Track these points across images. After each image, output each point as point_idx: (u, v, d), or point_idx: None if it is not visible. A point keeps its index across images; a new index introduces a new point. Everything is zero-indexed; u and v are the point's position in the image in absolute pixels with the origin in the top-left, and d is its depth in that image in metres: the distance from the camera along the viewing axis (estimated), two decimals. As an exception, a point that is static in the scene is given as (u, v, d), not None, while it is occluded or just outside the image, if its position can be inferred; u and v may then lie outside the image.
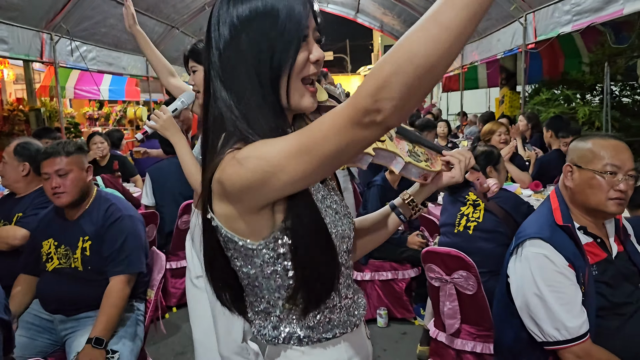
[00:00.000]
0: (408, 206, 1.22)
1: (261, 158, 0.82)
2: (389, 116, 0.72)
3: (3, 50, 5.29)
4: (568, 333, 1.54)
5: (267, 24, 0.89)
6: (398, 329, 3.49)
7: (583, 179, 1.66)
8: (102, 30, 6.98)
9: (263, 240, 0.91)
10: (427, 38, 0.67)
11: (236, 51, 0.91)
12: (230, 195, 0.87)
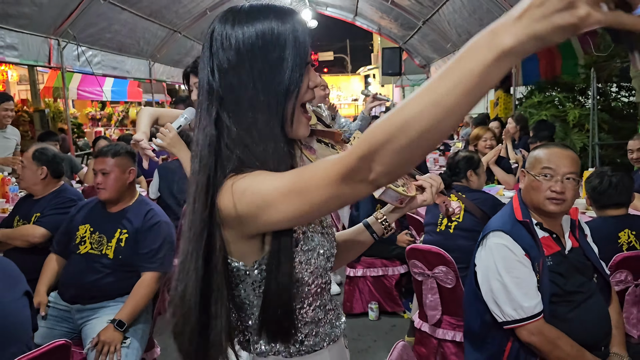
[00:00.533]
0: (381, 225, 1.29)
1: (256, 193, 0.86)
2: (378, 178, 0.75)
3: (13, 57, 5.51)
4: (524, 312, 1.76)
5: (274, 51, 0.91)
6: (388, 322, 3.71)
7: (528, 182, 1.90)
8: (107, 36, 7.20)
9: (254, 263, 0.96)
10: (421, 111, 0.67)
11: (240, 75, 0.92)
12: (225, 222, 0.92)
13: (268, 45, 0.91)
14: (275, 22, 0.92)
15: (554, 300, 1.82)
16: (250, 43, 0.91)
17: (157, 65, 9.45)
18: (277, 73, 0.92)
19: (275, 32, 0.91)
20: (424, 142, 0.70)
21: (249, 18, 0.93)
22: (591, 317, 1.85)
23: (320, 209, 0.84)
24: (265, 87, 0.92)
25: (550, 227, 1.90)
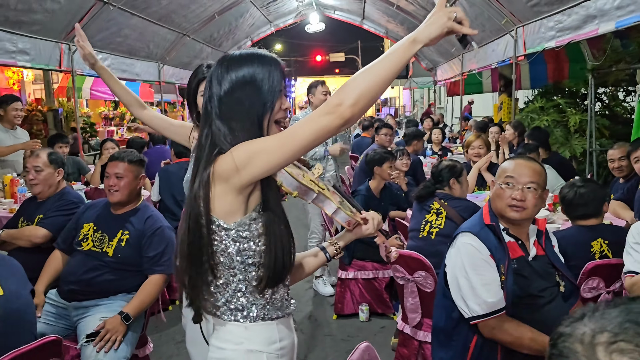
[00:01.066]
0: (333, 247, 1.60)
1: (253, 145, 1.23)
2: (345, 108, 1.16)
3: (25, 61, 5.71)
4: (487, 307, 1.88)
5: (254, 86, 1.30)
6: (378, 323, 3.83)
7: (494, 190, 2.03)
8: (117, 40, 7.39)
9: (234, 223, 1.28)
10: (370, 70, 1.18)
11: (232, 100, 1.30)
12: (219, 176, 1.24)
13: (249, 82, 1.30)
14: (256, 66, 1.32)
15: (516, 302, 1.93)
16: (238, 80, 1.31)
17: (167, 68, 9.64)
18: (258, 99, 1.31)
19: (254, 74, 1.31)
20: (373, 88, 1.17)
21: (238, 63, 1.33)
22: (551, 321, 1.96)
23: (304, 143, 1.20)
24: (250, 108, 1.30)
25: (516, 234, 2.02)
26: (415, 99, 22.12)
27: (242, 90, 1.30)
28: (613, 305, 0.69)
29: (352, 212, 1.49)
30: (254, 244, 1.30)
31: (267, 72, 1.31)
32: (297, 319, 3.96)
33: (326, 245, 1.60)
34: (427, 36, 1.19)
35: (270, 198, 1.31)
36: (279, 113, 1.34)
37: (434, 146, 6.77)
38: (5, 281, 1.85)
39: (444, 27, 1.18)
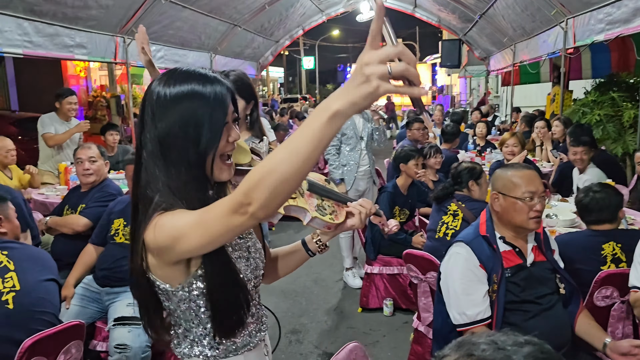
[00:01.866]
0: (315, 244, 1.47)
1: (172, 227, 1.06)
2: (257, 210, 0.94)
3: (82, 54, 6.09)
4: (467, 317, 1.94)
5: (195, 125, 1.11)
6: (401, 318, 3.89)
7: (508, 204, 2.02)
8: (169, 32, 7.69)
9: (179, 285, 1.16)
10: (283, 159, 0.90)
11: (168, 141, 1.11)
12: (152, 251, 1.12)
13: (190, 121, 1.11)
14: (197, 99, 1.11)
15: (508, 308, 1.97)
16: (175, 121, 1.11)
17: (219, 57, 9.92)
18: (197, 132, 1.12)
19: (196, 110, 1.11)
20: (288, 183, 0.92)
21: (174, 98, 1.12)
22: (547, 328, 1.98)
23: (219, 239, 1.03)
24: (188, 144, 1.12)
25: (515, 242, 2.04)
26: (472, 87, 21.55)
27: (180, 130, 1.11)
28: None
29: (334, 213, 1.38)
30: (203, 300, 1.18)
31: (207, 107, 1.12)
32: (324, 310, 4.09)
33: (308, 240, 1.48)
34: (351, 108, 0.85)
35: (211, 257, 1.13)
36: (225, 147, 1.17)
37: (478, 140, 6.65)
38: (23, 275, 2.06)
39: (373, 96, 0.84)
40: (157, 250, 1.11)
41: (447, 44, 12.12)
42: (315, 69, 34.85)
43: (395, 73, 0.83)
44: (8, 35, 4.85)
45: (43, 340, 1.91)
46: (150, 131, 1.14)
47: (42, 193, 4.49)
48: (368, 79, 0.83)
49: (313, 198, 1.38)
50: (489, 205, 2.14)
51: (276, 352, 3.37)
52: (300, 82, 37.39)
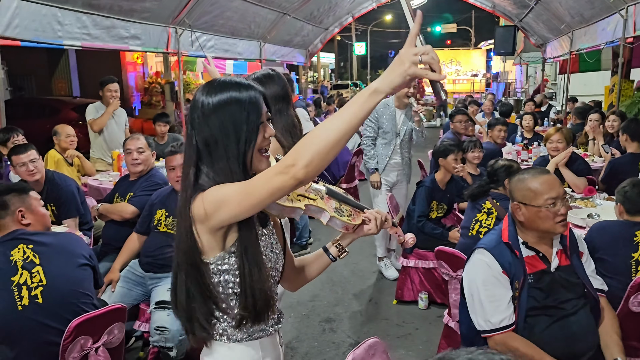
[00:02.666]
0: (336, 248, 1.58)
1: (219, 194, 1.23)
2: (299, 170, 1.13)
3: (137, 45, 6.34)
4: (491, 324, 1.96)
5: (233, 129, 1.29)
6: (436, 312, 3.91)
7: (532, 213, 2.00)
8: (220, 22, 7.87)
9: (213, 258, 1.30)
10: (327, 127, 1.14)
11: (212, 145, 1.29)
12: (196, 218, 1.27)
13: (230, 125, 1.29)
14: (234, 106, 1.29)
15: (530, 314, 1.98)
16: (216, 126, 1.29)
17: (268, 46, 10.04)
18: (237, 133, 1.30)
19: (233, 115, 1.29)
20: (330, 146, 1.13)
21: (214, 107, 1.30)
22: (570, 333, 1.97)
23: (260, 203, 1.21)
24: (230, 141, 1.30)
25: (539, 247, 2.03)
26: (528, 74, 20.81)
27: (221, 135, 1.29)
28: None
29: (351, 216, 1.48)
30: (232, 276, 1.31)
31: (244, 111, 1.29)
32: (359, 300, 4.16)
33: (329, 246, 1.59)
34: (388, 85, 1.11)
35: (245, 237, 1.30)
36: (262, 143, 1.33)
37: (526, 133, 6.47)
38: (49, 268, 2.16)
39: (405, 75, 1.10)
40: (203, 216, 1.25)
41: (502, 31, 11.76)
42: (367, 54, 34.55)
43: (424, 60, 1.10)
44: (68, 28, 5.12)
45: (88, 321, 2.07)
46: (199, 134, 1.31)
47: (96, 179, 4.76)
48: (402, 62, 1.11)
49: (332, 201, 1.48)
50: (510, 211, 2.13)
51: (309, 340, 3.50)
52: (352, 67, 37.18)
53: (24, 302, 2.10)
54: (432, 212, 3.89)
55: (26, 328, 2.10)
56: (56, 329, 2.09)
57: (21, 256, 2.16)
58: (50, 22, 4.85)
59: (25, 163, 3.31)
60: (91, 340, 2.11)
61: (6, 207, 2.30)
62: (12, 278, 2.11)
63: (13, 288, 2.10)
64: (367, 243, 5.46)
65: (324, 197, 1.46)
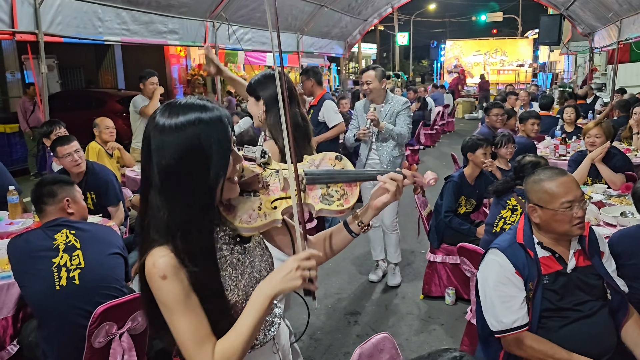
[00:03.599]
0: (357, 225, 1.41)
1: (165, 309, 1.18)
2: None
3: (175, 40, 6.50)
4: (504, 325, 1.94)
5: (202, 154, 1.14)
6: (462, 308, 3.87)
7: (548, 216, 1.96)
8: (256, 15, 7.94)
9: None
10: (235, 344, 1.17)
11: (176, 174, 1.14)
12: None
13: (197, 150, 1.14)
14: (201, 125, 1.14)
15: (545, 315, 1.95)
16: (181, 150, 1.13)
17: (306, 38, 10.08)
18: (207, 169, 1.15)
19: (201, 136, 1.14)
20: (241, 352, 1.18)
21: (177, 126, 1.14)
22: (585, 335, 1.93)
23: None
24: (198, 180, 1.15)
25: (555, 247, 1.99)
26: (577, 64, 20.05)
27: (186, 161, 1.14)
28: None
29: (343, 197, 1.33)
30: None
31: (214, 131, 1.15)
32: (386, 294, 4.17)
33: (349, 220, 1.43)
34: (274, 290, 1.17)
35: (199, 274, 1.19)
36: (233, 173, 1.22)
37: (567, 126, 6.27)
38: (88, 253, 2.32)
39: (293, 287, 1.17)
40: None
41: (547, 20, 11.36)
42: (410, 44, 34.06)
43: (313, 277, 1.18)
44: (108, 24, 5.31)
45: (113, 308, 2.18)
46: (155, 164, 1.15)
47: (133, 170, 4.94)
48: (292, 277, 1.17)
49: (317, 189, 1.34)
50: (527, 211, 2.09)
51: (333, 332, 3.54)
52: (394, 58, 36.75)
53: (61, 283, 2.25)
54: (460, 208, 3.85)
55: (60, 308, 2.25)
56: (87, 311, 2.20)
57: (64, 240, 2.33)
58: (91, 18, 5.04)
59: (70, 153, 3.49)
60: (115, 327, 2.22)
61: (54, 195, 2.48)
62: (53, 260, 2.27)
63: (53, 269, 2.26)
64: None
65: (305, 189, 1.32)
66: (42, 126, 4.60)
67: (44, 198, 2.46)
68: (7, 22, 4.26)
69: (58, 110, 8.23)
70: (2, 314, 2.49)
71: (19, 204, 3.35)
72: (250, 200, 1.29)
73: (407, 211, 5.75)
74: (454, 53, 26.06)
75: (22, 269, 2.29)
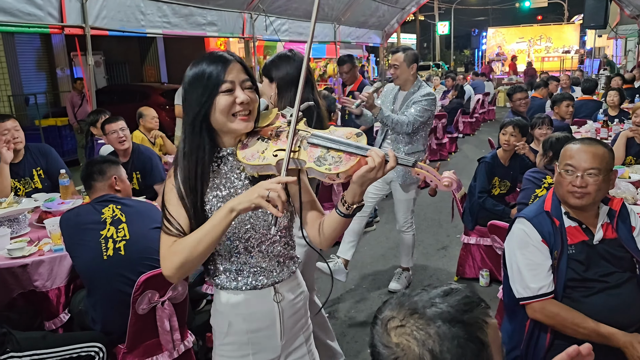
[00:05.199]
0: (343, 206, 1.42)
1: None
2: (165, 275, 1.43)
3: (213, 31, 6.68)
4: (530, 291, 1.96)
5: (197, 83, 1.41)
6: (496, 289, 3.84)
7: (556, 175, 2.04)
8: (293, 6, 8.06)
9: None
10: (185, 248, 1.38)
11: (186, 94, 1.45)
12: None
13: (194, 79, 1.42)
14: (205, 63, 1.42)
15: (570, 285, 1.97)
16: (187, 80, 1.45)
17: (342, 28, 10.13)
18: (199, 96, 1.41)
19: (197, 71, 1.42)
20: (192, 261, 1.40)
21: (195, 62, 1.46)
22: (611, 306, 1.94)
23: None
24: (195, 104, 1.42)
25: (580, 217, 2.01)
26: (627, 49, 19.27)
27: (190, 87, 1.43)
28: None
29: (336, 163, 1.36)
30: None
31: (210, 68, 1.40)
32: (420, 275, 4.21)
33: (336, 202, 1.57)
34: (238, 205, 1.33)
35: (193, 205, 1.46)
36: (232, 107, 1.41)
37: (611, 110, 6.10)
38: (132, 226, 2.48)
39: (251, 202, 1.31)
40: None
41: (592, 3, 10.95)
42: (450, 34, 33.49)
43: (270, 197, 1.30)
44: (150, 17, 5.52)
45: (155, 277, 2.32)
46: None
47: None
48: (253, 191, 1.33)
49: (317, 150, 1.39)
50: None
51: (367, 311, 3.62)
52: (434, 48, 36.23)
53: (109, 253, 2.42)
54: (494, 189, 3.84)
55: (107, 277, 2.42)
56: (131, 280, 2.35)
57: (111, 214, 2.51)
58: (134, 12, 5.27)
59: (116, 130, 3.73)
60: (158, 295, 2.37)
61: (103, 172, 2.65)
62: (101, 232, 2.45)
63: (101, 240, 2.44)
64: (434, 221, 5.47)
65: (307, 148, 1.40)
66: (88, 116, 4.85)
67: (94, 175, 2.63)
68: (57, 17, 4.52)
69: (104, 104, 8.58)
70: (56, 284, 2.69)
71: (70, 186, 3.57)
72: (261, 145, 1.45)
73: (444, 195, 5.74)
74: (497, 41, 25.49)
75: (74, 240, 2.48)
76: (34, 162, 3.66)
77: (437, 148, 8.56)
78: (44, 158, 3.72)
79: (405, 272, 3.99)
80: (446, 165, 8.34)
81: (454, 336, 0.86)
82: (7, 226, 2.88)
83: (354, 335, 3.35)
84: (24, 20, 4.35)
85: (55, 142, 9.64)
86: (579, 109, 6.39)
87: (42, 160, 3.70)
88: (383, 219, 5.55)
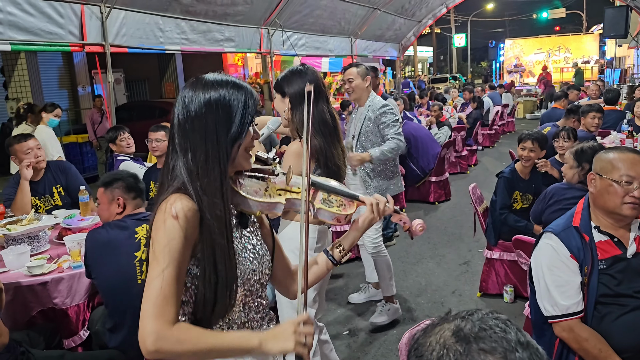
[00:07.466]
0: (337, 251, 1.44)
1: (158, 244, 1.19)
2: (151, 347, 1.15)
3: (231, 47, 6.73)
4: (559, 309, 1.88)
5: (227, 110, 1.23)
6: (521, 306, 3.75)
7: (603, 186, 1.92)
8: (310, 21, 8.11)
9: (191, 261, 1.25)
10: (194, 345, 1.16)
11: (200, 123, 1.22)
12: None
13: (223, 105, 1.23)
14: (231, 90, 1.25)
15: (602, 301, 1.89)
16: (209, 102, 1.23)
17: (359, 41, 10.15)
18: (228, 123, 1.24)
19: (229, 96, 1.24)
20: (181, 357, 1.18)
21: (211, 85, 1.25)
22: None
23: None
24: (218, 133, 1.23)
25: (614, 231, 1.93)
26: (649, 58, 18.96)
27: (211, 110, 1.22)
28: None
29: (342, 206, 1.41)
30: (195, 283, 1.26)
31: (242, 97, 1.24)
32: (442, 292, 4.12)
33: (329, 248, 1.47)
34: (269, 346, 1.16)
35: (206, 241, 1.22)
36: (250, 142, 1.28)
37: (637, 120, 5.96)
38: None
39: (289, 351, 1.15)
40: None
41: (612, 12, 10.83)
42: (467, 46, 33.38)
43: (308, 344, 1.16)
44: (169, 34, 5.58)
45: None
46: (182, 114, 1.24)
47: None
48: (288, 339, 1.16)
49: (319, 193, 1.42)
50: (588, 193, 2.03)
51: (388, 327, 3.51)
52: (451, 60, 36.13)
53: (143, 277, 2.30)
54: (515, 204, 3.75)
55: (136, 303, 2.34)
56: None
57: (144, 234, 2.39)
58: (152, 29, 5.33)
59: (151, 140, 3.90)
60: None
61: (142, 191, 2.58)
62: (135, 253, 2.35)
63: (136, 263, 2.33)
64: (455, 235, 5.37)
65: (310, 190, 1.39)
66: (107, 132, 4.88)
67: (137, 189, 2.54)
68: (78, 35, 4.58)
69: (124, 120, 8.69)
70: (75, 301, 2.67)
71: (89, 202, 3.57)
72: (258, 183, 1.37)
73: (465, 209, 5.65)
74: (514, 52, 25.31)
75: (104, 259, 2.34)
76: (54, 180, 3.69)
77: (455, 161, 8.45)
78: (64, 175, 3.74)
79: (389, 304, 3.62)
80: (466, 178, 8.23)
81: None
82: (27, 243, 2.88)
83: (374, 353, 3.28)
84: (46, 39, 4.43)
85: (76, 159, 9.77)
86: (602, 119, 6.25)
87: (62, 177, 3.72)
88: (403, 234, 5.47)
